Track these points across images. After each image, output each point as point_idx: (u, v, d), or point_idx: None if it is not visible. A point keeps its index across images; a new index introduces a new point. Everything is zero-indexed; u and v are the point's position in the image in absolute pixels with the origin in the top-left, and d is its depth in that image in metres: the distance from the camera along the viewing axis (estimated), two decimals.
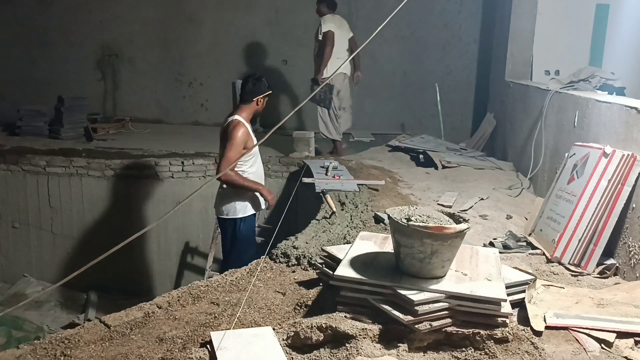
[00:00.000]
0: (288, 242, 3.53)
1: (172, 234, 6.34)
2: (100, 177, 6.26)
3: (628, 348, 2.39)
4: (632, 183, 3.34)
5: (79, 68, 8.67)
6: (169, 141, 7.17)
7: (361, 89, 8.81)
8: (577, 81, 5.31)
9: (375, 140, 7.87)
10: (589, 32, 6.82)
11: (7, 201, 6.34)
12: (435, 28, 8.62)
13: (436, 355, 2.32)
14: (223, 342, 2.24)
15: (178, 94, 8.87)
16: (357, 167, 5.83)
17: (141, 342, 2.40)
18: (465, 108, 8.64)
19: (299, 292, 2.89)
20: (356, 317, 2.40)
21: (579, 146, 3.99)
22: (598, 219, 3.43)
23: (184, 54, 8.77)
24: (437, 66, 8.66)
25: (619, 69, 5.79)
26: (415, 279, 2.43)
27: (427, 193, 5.04)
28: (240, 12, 8.64)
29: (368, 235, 3.05)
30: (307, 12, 8.67)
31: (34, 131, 7.37)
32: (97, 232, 6.29)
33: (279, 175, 6.40)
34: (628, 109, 3.54)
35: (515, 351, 2.32)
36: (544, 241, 3.74)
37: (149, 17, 8.66)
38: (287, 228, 4.09)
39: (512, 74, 6.89)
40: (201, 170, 6.34)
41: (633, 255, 3.24)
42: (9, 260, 6.46)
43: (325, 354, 2.28)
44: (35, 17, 8.55)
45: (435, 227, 2.35)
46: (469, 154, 6.83)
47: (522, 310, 2.61)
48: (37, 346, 2.35)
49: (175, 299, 2.80)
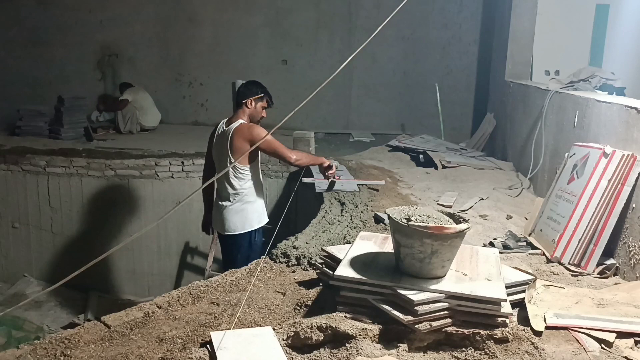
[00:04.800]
0: (288, 242, 3.52)
1: (172, 234, 6.35)
2: (100, 177, 6.25)
3: (628, 348, 2.39)
4: (632, 183, 3.34)
5: (79, 68, 8.68)
6: (169, 141, 7.18)
7: (361, 89, 8.85)
8: (577, 81, 5.32)
9: (375, 140, 7.87)
10: (589, 32, 6.83)
11: (7, 201, 6.35)
12: (435, 28, 8.63)
13: (436, 355, 2.32)
14: (223, 342, 2.24)
15: (178, 94, 8.88)
16: (357, 167, 5.83)
17: (141, 342, 2.39)
18: (465, 108, 8.65)
19: (299, 292, 2.89)
20: (356, 317, 2.40)
21: (579, 146, 3.99)
22: (598, 219, 3.43)
23: (184, 54, 8.78)
24: (437, 66, 8.67)
25: (619, 69, 5.79)
26: (415, 279, 2.43)
27: (427, 193, 5.04)
28: (240, 12, 8.65)
29: (368, 235, 3.05)
30: (307, 12, 8.71)
31: (34, 131, 7.37)
32: (97, 232, 6.29)
33: (279, 175, 6.41)
34: (628, 109, 3.53)
35: (515, 351, 2.32)
36: (544, 241, 3.73)
37: (149, 17, 8.67)
38: (287, 228, 4.08)
39: (512, 74, 6.89)
40: (201, 170, 6.31)
41: (633, 255, 3.24)
42: (9, 260, 6.46)
43: (325, 354, 2.28)
44: (35, 17, 8.56)
45: (435, 227, 2.35)
46: (469, 154, 6.83)
47: (522, 310, 2.60)
48: (37, 346, 2.35)
49: (175, 299, 2.80)
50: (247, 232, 3.95)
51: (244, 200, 3.92)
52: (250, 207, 3.95)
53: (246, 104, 3.90)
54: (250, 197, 3.95)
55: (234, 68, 8.38)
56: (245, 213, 3.94)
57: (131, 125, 7.87)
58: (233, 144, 3.80)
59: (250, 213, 3.95)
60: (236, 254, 3.99)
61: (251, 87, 3.97)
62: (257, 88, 3.96)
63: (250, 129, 3.81)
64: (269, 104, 4.01)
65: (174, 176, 6.31)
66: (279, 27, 8.72)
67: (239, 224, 3.94)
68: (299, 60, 8.76)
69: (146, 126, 8.03)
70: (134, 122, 7.88)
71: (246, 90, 3.95)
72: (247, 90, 3.95)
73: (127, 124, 7.85)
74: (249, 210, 3.95)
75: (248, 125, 3.85)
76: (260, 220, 4.03)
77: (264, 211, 4.12)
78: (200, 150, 6.56)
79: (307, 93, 2.03)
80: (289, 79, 8.34)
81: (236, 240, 3.98)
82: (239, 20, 8.65)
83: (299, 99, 2.00)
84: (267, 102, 3.99)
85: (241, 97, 3.94)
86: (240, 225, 3.94)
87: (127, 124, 7.86)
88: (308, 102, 2.14)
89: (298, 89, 7.97)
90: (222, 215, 3.96)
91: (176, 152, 6.54)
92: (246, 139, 3.76)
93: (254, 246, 3.99)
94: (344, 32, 8.72)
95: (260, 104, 3.94)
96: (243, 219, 3.94)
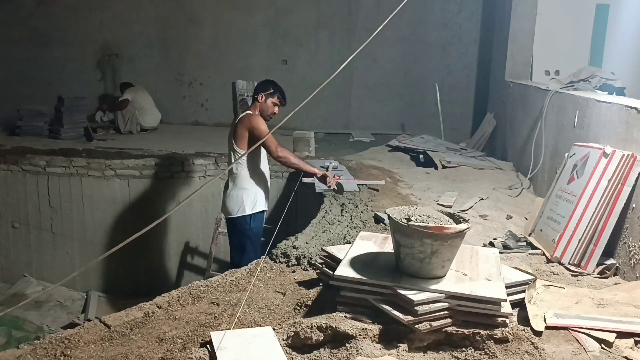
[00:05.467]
0: (288, 242, 3.53)
1: (172, 234, 6.34)
2: (100, 177, 6.25)
3: (628, 348, 2.39)
4: (632, 183, 3.34)
5: (79, 68, 8.67)
6: (169, 141, 7.17)
7: (361, 89, 8.85)
8: (577, 81, 5.31)
9: (375, 140, 7.87)
10: (589, 32, 6.83)
11: (7, 201, 6.34)
12: (435, 28, 8.63)
13: (436, 355, 2.32)
14: (223, 342, 2.24)
15: (178, 94, 8.88)
16: (357, 167, 5.83)
17: (141, 342, 2.39)
18: (465, 108, 8.65)
19: (299, 292, 2.89)
20: (356, 317, 2.40)
21: (579, 146, 3.99)
22: (598, 219, 3.43)
23: (184, 54, 8.78)
24: (437, 66, 8.66)
25: (619, 69, 5.79)
26: (415, 279, 2.43)
27: (427, 193, 5.04)
28: (240, 12, 8.65)
29: (368, 235, 3.05)
30: (307, 12, 8.70)
31: (34, 131, 7.37)
32: (97, 232, 6.29)
33: (279, 175, 6.40)
34: (628, 109, 3.53)
35: (515, 351, 2.32)
36: (544, 241, 3.73)
37: (149, 17, 8.67)
38: (287, 228, 4.09)
39: (512, 74, 6.89)
40: (201, 170, 6.34)
41: (633, 255, 3.24)
42: (9, 260, 6.45)
43: (325, 354, 2.28)
44: (35, 17, 8.56)
45: (435, 227, 2.35)
46: (469, 154, 6.83)
47: (522, 310, 2.60)
48: (37, 346, 2.35)
49: (175, 299, 2.80)
50: (240, 217, 4.23)
51: (239, 185, 4.24)
52: (245, 193, 4.22)
53: (257, 98, 4.25)
54: (246, 183, 4.23)
55: (234, 68, 8.39)
56: (240, 198, 4.22)
57: (131, 126, 7.87)
58: (236, 131, 4.21)
59: (245, 199, 4.21)
60: (232, 238, 4.36)
61: (265, 84, 4.33)
62: (269, 85, 4.30)
63: (251, 118, 4.18)
64: (280, 102, 4.31)
65: (174, 176, 6.31)
66: (279, 27, 8.72)
67: (235, 207, 4.24)
68: (299, 60, 8.76)
69: (146, 126, 8.03)
70: (134, 122, 7.89)
71: (260, 86, 4.32)
72: (260, 86, 4.32)
73: (127, 124, 7.86)
74: (243, 196, 4.22)
75: (252, 115, 4.20)
76: (254, 207, 4.24)
77: (262, 200, 4.30)
78: (200, 150, 6.58)
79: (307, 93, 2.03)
80: (289, 79, 8.33)
81: (231, 223, 4.33)
82: (239, 20, 8.65)
83: (299, 99, 2.01)
84: (279, 99, 4.29)
85: (254, 93, 4.31)
86: (235, 209, 4.23)
87: (127, 124, 7.86)
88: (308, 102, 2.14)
89: (298, 89, 7.93)
90: (223, 198, 4.37)
91: (176, 152, 6.54)
92: (246, 126, 4.15)
93: (249, 233, 4.22)
94: (344, 32, 8.72)
95: (271, 100, 4.26)
96: (238, 204, 4.23)
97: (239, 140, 4.18)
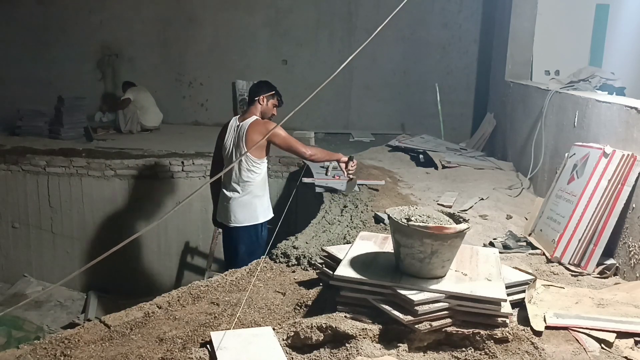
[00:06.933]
0: (288, 242, 3.52)
1: (172, 234, 6.35)
2: (100, 177, 6.26)
3: (628, 348, 2.39)
4: (632, 183, 3.34)
5: (79, 68, 8.68)
6: (169, 141, 7.17)
7: (361, 89, 8.84)
8: (577, 81, 5.31)
9: (375, 140, 7.87)
10: (589, 32, 6.83)
11: (7, 201, 6.34)
12: (435, 28, 8.63)
13: (436, 355, 2.32)
14: (223, 342, 2.24)
15: (178, 94, 8.88)
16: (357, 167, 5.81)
17: (141, 342, 2.39)
18: (465, 108, 8.65)
19: (299, 292, 2.89)
20: (356, 317, 2.40)
21: (579, 146, 3.98)
22: (598, 219, 3.43)
23: (184, 54, 8.78)
24: (437, 66, 8.67)
25: (619, 69, 5.79)
26: (415, 279, 2.43)
27: (427, 193, 5.04)
28: (240, 12, 8.65)
29: (368, 235, 3.05)
30: (307, 12, 8.70)
31: (34, 131, 7.37)
32: (97, 232, 6.30)
33: (279, 175, 6.41)
34: (628, 109, 3.53)
35: (515, 351, 2.32)
36: (544, 241, 3.73)
37: (149, 17, 8.67)
38: (287, 228, 4.09)
39: (512, 74, 6.89)
40: (201, 170, 6.34)
41: (633, 255, 3.24)
42: (9, 260, 6.45)
43: (325, 354, 2.28)
44: (35, 17, 8.56)
45: (435, 227, 2.35)
46: (469, 154, 6.83)
47: (522, 310, 2.60)
48: (37, 346, 2.35)
49: (175, 299, 2.80)
50: (252, 225, 4.08)
51: (253, 193, 4.06)
52: (259, 201, 4.09)
53: (259, 100, 4.11)
54: (259, 191, 4.10)
55: (234, 68, 8.39)
56: (254, 206, 4.07)
57: (132, 125, 7.88)
58: (248, 137, 3.96)
59: (259, 206, 4.09)
60: (241, 247, 4.09)
61: (263, 85, 4.20)
62: (269, 86, 4.18)
63: (265, 124, 4.03)
64: (279, 102, 4.21)
65: (174, 176, 6.31)
66: (279, 27, 8.72)
67: (247, 216, 4.07)
68: (299, 60, 8.76)
69: (147, 126, 8.03)
70: (135, 122, 7.89)
71: (258, 88, 4.16)
72: (259, 88, 4.17)
73: (127, 123, 7.86)
74: (257, 203, 4.09)
75: (263, 121, 4.07)
76: (266, 214, 4.16)
77: (270, 206, 4.24)
78: (200, 150, 6.57)
79: (307, 93, 2.03)
80: (289, 79, 8.34)
81: (242, 232, 4.08)
82: (239, 20, 8.65)
83: (299, 99, 2.00)
84: (278, 100, 4.19)
85: (253, 95, 4.14)
86: (248, 217, 4.07)
87: (128, 124, 7.86)
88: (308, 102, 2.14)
89: (298, 89, 7.95)
90: (230, 206, 4.07)
91: (176, 152, 6.54)
92: (262, 133, 3.93)
93: (260, 240, 4.11)
94: (344, 32, 8.72)
95: (272, 102, 4.16)
96: (251, 212, 4.07)
97: (256, 149, 3.93)
